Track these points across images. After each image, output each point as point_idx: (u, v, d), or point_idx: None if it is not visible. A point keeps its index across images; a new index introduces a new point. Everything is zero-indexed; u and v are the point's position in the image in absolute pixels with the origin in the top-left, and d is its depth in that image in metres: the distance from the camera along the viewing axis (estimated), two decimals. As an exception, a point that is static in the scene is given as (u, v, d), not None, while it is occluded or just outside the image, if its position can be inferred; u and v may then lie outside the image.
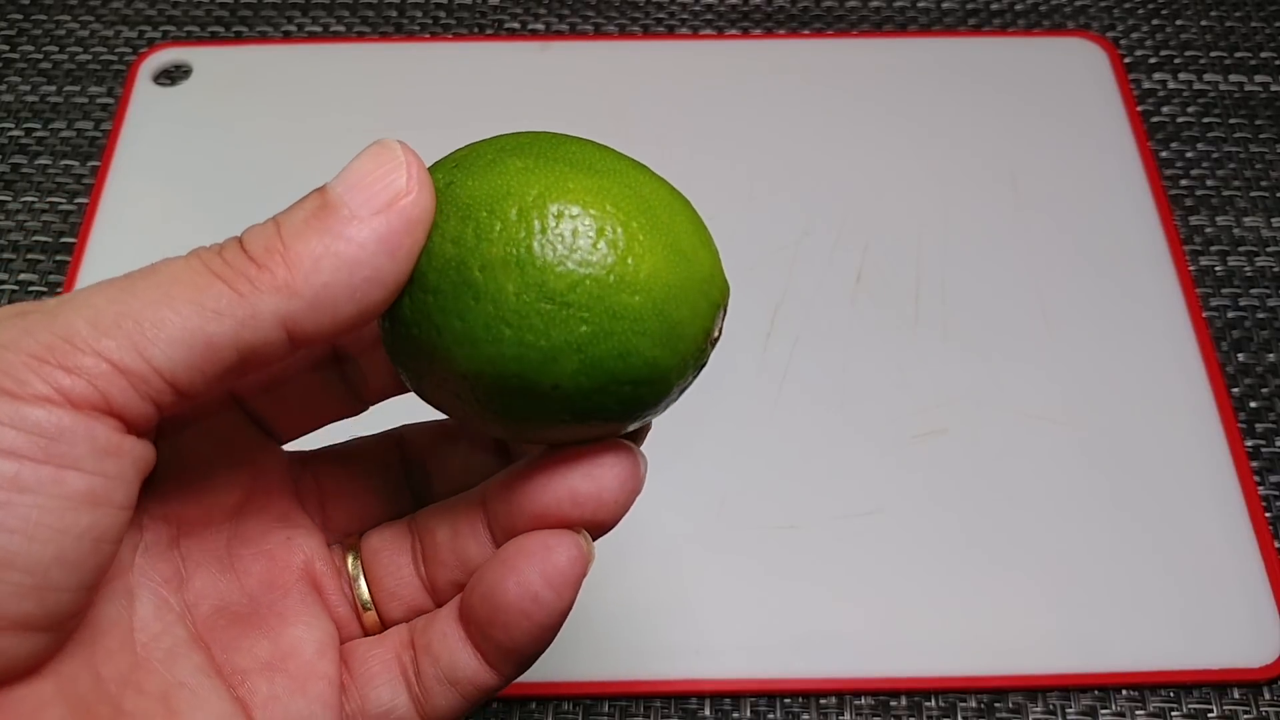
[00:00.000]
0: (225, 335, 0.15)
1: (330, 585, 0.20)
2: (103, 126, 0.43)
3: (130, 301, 0.15)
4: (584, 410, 0.17)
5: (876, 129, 0.42)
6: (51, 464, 0.14)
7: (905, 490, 0.34)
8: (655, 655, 0.32)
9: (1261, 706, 0.32)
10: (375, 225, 0.16)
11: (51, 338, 0.14)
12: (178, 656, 0.17)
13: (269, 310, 0.15)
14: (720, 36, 0.46)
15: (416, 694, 0.19)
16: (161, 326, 0.15)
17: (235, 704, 0.17)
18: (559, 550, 0.17)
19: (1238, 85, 0.45)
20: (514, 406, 0.17)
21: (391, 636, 0.19)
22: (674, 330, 0.17)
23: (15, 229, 0.41)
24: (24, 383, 0.14)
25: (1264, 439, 0.36)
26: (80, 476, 0.14)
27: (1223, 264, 0.40)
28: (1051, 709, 0.32)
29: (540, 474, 0.18)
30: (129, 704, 0.16)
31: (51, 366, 0.14)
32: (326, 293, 0.16)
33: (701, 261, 0.18)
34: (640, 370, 0.17)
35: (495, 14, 0.46)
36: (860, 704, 0.32)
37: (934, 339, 0.37)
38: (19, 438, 0.14)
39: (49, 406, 0.14)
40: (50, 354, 0.14)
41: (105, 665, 0.16)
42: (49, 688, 0.15)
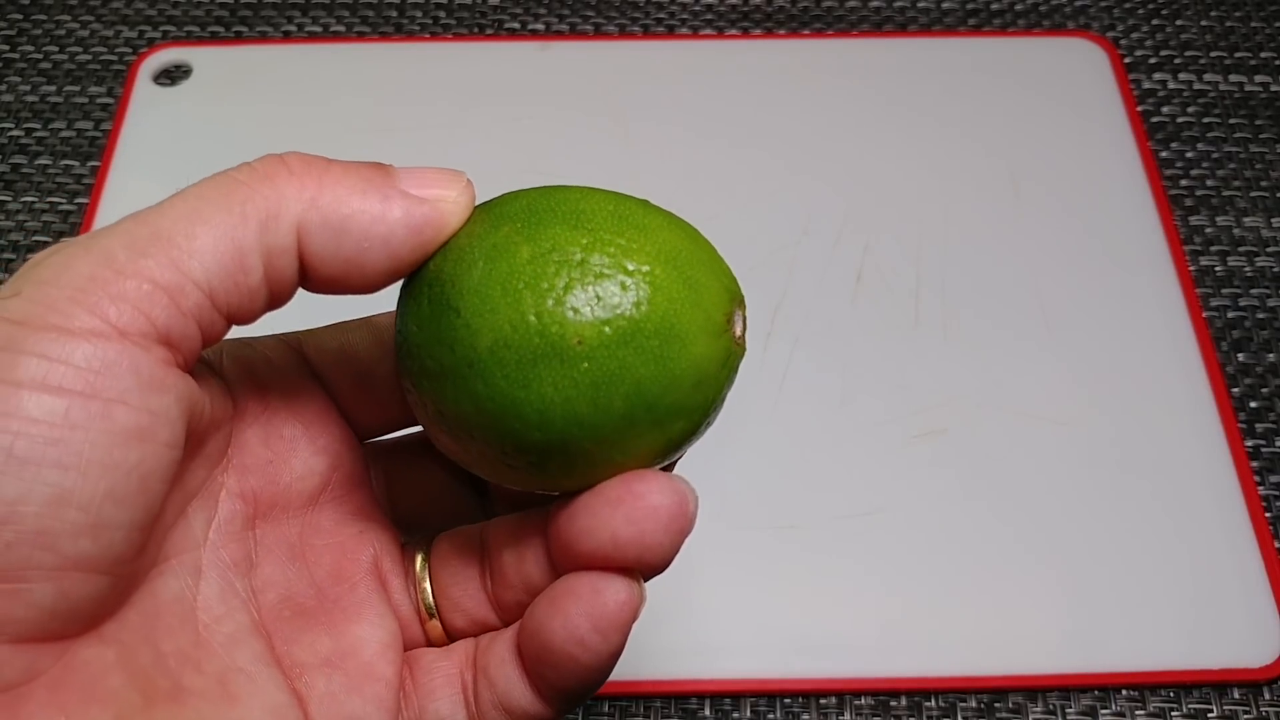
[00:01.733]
0: (251, 238, 0.16)
1: (396, 585, 0.19)
2: (103, 126, 0.43)
3: (161, 221, 0.16)
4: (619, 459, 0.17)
5: (877, 129, 0.42)
6: (99, 398, 0.14)
7: (906, 490, 0.34)
8: (655, 655, 0.32)
9: (1262, 706, 0.32)
10: (412, 203, 0.17)
11: (92, 267, 0.15)
12: (239, 642, 0.17)
13: (290, 213, 0.16)
14: (720, 37, 0.46)
15: (473, 714, 0.18)
16: (193, 238, 0.15)
17: (292, 696, 0.17)
18: (607, 593, 0.17)
19: (1238, 85, 0.45)
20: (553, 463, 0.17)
21: (458, 650, 0.19)
22: (700, 376, 0.17)
23: (15, 229, 0.41)
24: (70, 316, 0.14)
25: (1264, 439, 0.36)
26: (127, 411, 0.14)
27: (1223, 264, 0.40)
28: (1051, 709, 0.32)
29: (584, 512, 0.17)
30: (188, 681, 0.16)
31: (96, 296, 0.15)
32: (343, 223, 0.16)
33: (710, 294, 0.17)
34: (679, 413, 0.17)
35: (495, 14, 0.46)
36: (860, 704, 0.32)
37: (934, 339, 0.37)
38: (68, 373, 0.14)
39: (96, 340, 0.14)
40: (92, 284, 0.15)
41: (166, 640, 0.16)
42: (111, 654, 0.15)
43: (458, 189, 0.17)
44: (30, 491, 0.14)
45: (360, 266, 0.17)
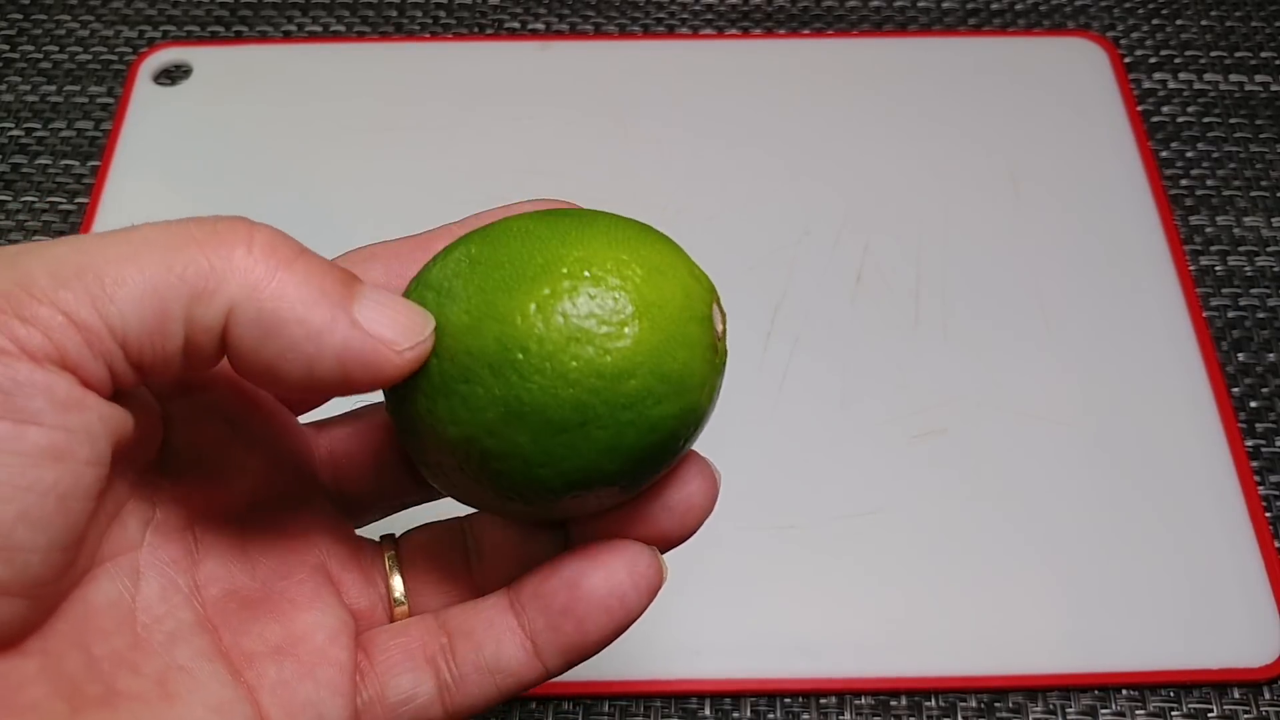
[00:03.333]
0: (178, 305, 0.15)
1: (351, 575, 0.19)
2: (103, 126, 0.43)
3: (95, 254, 0.14)
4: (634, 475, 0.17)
5: (877, 129, 0.42)
6: (9, 419, 0.14)
7: (906, 490, 0.34)
8: (655, 655, 0.32)
9: (1262, 706, 0.32)
10: (357, 336, 0.16)
11: (10, 285, 0.14)
12: (179, 639, 0.17)
13: (226, 293, 0.15)
14: (720, 36, 0.46)
15: (446, 681, 0.18)
16: (121, 284, 0.14)
17: (239, 689, 0.17)
18: (645, 556, 0.18)
19: (1238, 85, 0.45)
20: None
21: (415, 625, 0.19)
22: (681, 381, 0.17)
23: (15, 229, 0.41)
24: None
25: (1264, 439, 0.36)
26: (41, 431, 0.14)
27: (1223, 264, 0.40)
28: (1052, 709, 0.32)
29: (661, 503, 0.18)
30: (122, 684, 0.16)
31: (7, 316, 0.14)
32: (276, 326, 0.15)
33: (676, 295, 0.18)
34: (665, 429, 0.17)
35: (495, 14, 0.46)
36: (860, 704, 0.32)
37: (934, 339, 0.37)
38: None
39: (5, 359, 0.14)
40: (6, 302, 0.14)
41: (98, 645, 0.16)
42: (32, 665, 0.15)
43: (412, 340, 0.16)
44: None
45: (276, 375, 0.15)
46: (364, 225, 0.40)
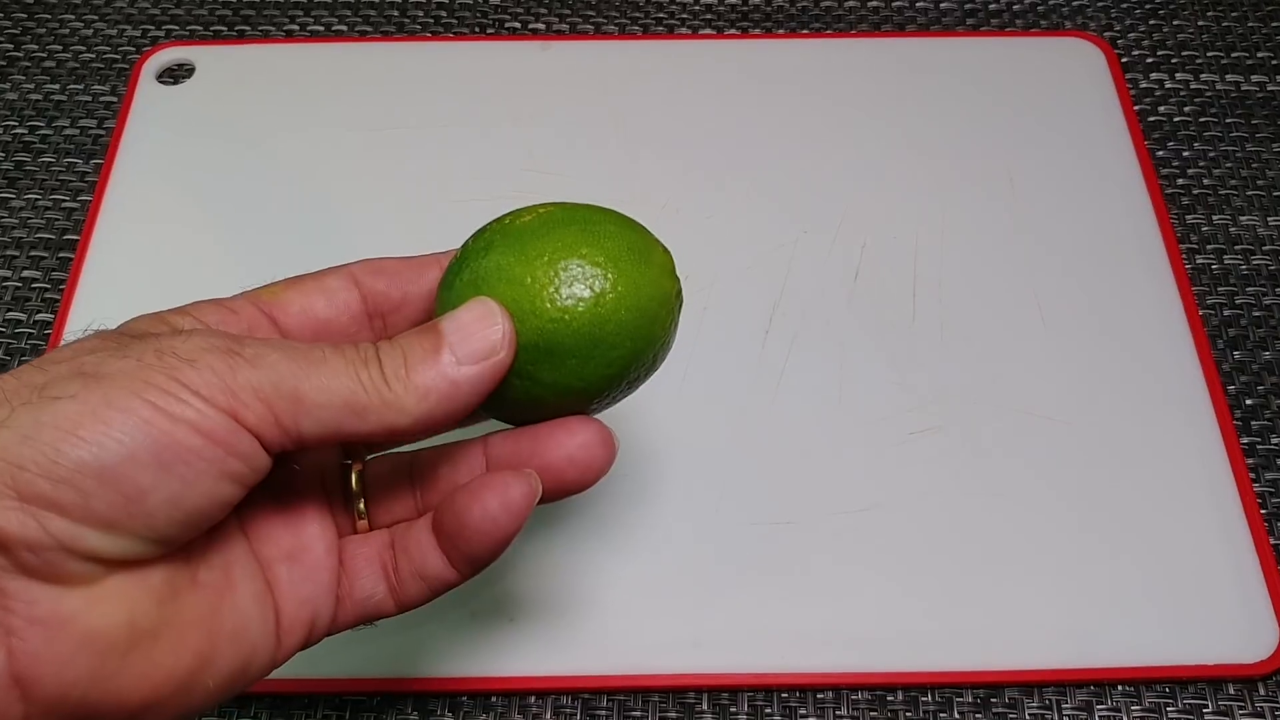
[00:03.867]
0: (349, 426, 0.21)
1: (336, 494, 0.25)
2: (106, 125, 0.44)
3: (304, 383, 0.21)
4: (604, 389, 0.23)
5: (874, 128, 0.43)
6: (223, 448, 0.20)
7: (902, 487, 0.35)
8: (653, 650, 0.32)
9: (1256, 702, 0.32)
10: (474, 373, 0.22)
11: (246, 381, 0.20)
12: (232, 543, 0.23)
13: (388, 420, 0.21)
14: (720, 36, 0.46)
15: (393, 584, 0.24)
16: (316, 411, 0.21)
17: (265, 583, 0.23)
18: (514, 487, 0.22)
19: (1234, 85, 0.45)
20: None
21: (374, 539, 0.24)
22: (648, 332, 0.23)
23: (19, 226, 0.41)
24: (214, 396, 0.20)
25: (1259, 436, 0.36)
26: (237, 461, 0.20)
27: (1218, 262, 0.40)
28: (1047, 704, 0.32)
29: (541, 437, 0.23)
30: (202, 575, 0.22)
31: (235, 399, 0.20)
32: (427, 416, 0.21)
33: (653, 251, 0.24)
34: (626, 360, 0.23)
35: (496, 14, 0.47)
36: (857, 699, 0.32)
37: (931, 337, 0.38)
38: (205, 423, 0.20)
39: (225, 415, 0.20)
40: (241, 390, 0.20)
41: (193, 550, 0.22)
42: (161, 567, 0.21)
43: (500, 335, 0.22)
44: (158, 487, 0.19)
45: (450, 423, 0.23)
46: (365, 223, 0.40)
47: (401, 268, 0.25)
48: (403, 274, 0.25)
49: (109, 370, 0.20)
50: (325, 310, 0.25)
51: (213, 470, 0.20)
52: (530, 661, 0.32)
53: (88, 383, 0.19)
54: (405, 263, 0.25)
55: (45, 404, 0.19)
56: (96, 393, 0.19)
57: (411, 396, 0.21)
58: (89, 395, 0.19)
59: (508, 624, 0.32)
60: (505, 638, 0.32)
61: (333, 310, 0.25)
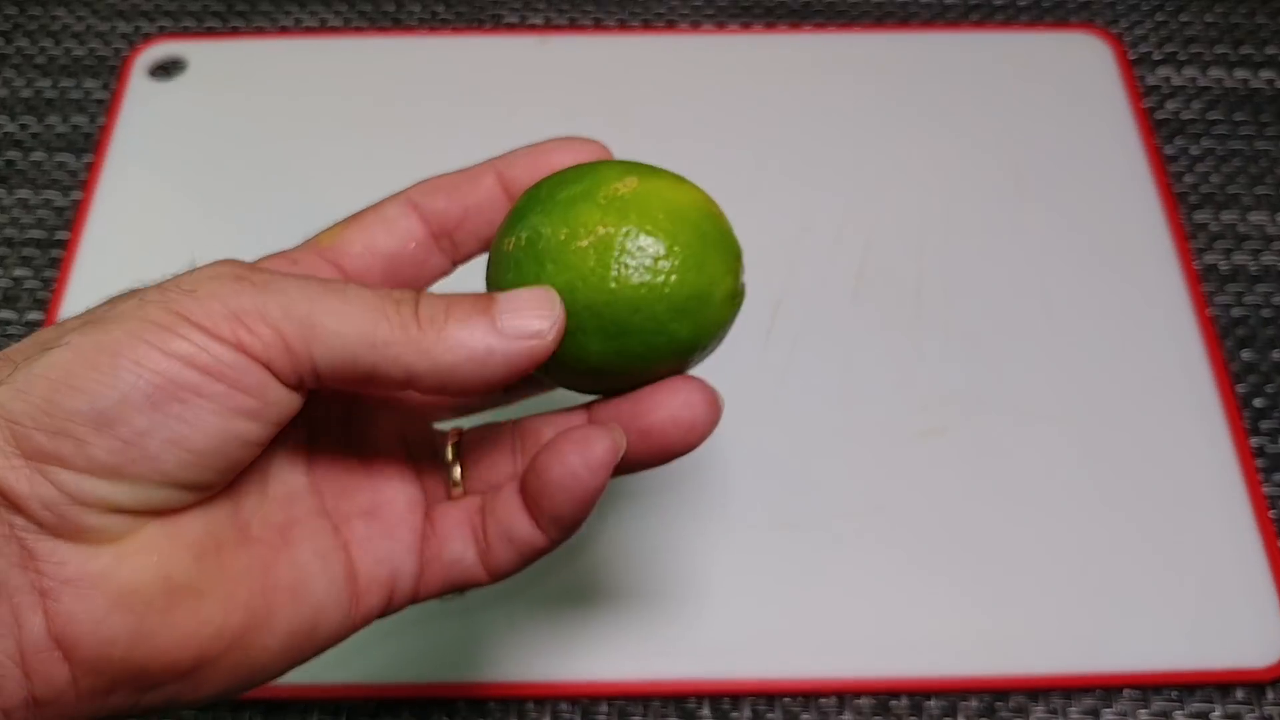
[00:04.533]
0: (367, 359, 0.20)
1: (424, 460, 0.24)
2: (97, 121, 0.43)
3: (318, 306, 0.20)
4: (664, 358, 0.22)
5: (878, 124, 0.42)
6: (226, 382, 0.19)
7: (907, 489, 0.34)
8: (654, 655, 0.32)
9: (1265, 707, 0.31)
10: (511, 348, 0.21)
11: (252, 305, 0.19)
12: (296, 498, 0.22)
13: (406, 360, 0.20)
14: (720, 30, 0.45)
15: (483, 548, 0.23)
16: (331, 337, 0.20)
17: (337, 539, 0.22)
18: (596, 442, 0.22)
19: (1242, 81, 0.44)
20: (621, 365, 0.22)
21: (466, 503, 0.24)
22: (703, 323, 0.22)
23: (9, 224, 0.41)
24: (217, 326, 0.19)
25: (1269, 436, 0.36)
26: (244, 397, 0.19)
27: (1227, 260, 0.40)
28: (1054, 709, 0.31)
29: (643, 398, 0.23)
30: (255, 530, 0.21)
31: (240, 325, 0.19)
32: (448, 370, 0.20)
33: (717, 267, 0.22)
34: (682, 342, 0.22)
35: (494, 8, 0.46)
36: (860, 704, 0.31)
37: (936, 336, 0.37)
38: (202, 357, 0.19)
39: (228, 347, 0.19)
40: (246, 315, 0.19)
41: (243, 503, 0.21)
42: (194, 516, 0.20)
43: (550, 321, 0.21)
44: (156, 429, 0.19)
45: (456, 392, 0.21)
46: (361, 221, 0.40)
47: (459, 180, 0.25)
48: (460, 187, 0.25)
49: (112, 314, 0.19)
50: (388, 241, 0.24)
51: (217, 407, 0.19)
52: (528, 667, 0.31)
53: (85, 329, 0.19)
54: (460, 175, 0.25)
55: (41, 355, 0.19)
56: (89, 338, 0.19)
57: (442, 344, 0.20)
58: (82, 341, 0.19)
59: (506, 630, 0.32)
60: (503, 643, 0.32)
61: (395, 239, 0.24)
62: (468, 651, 0.32)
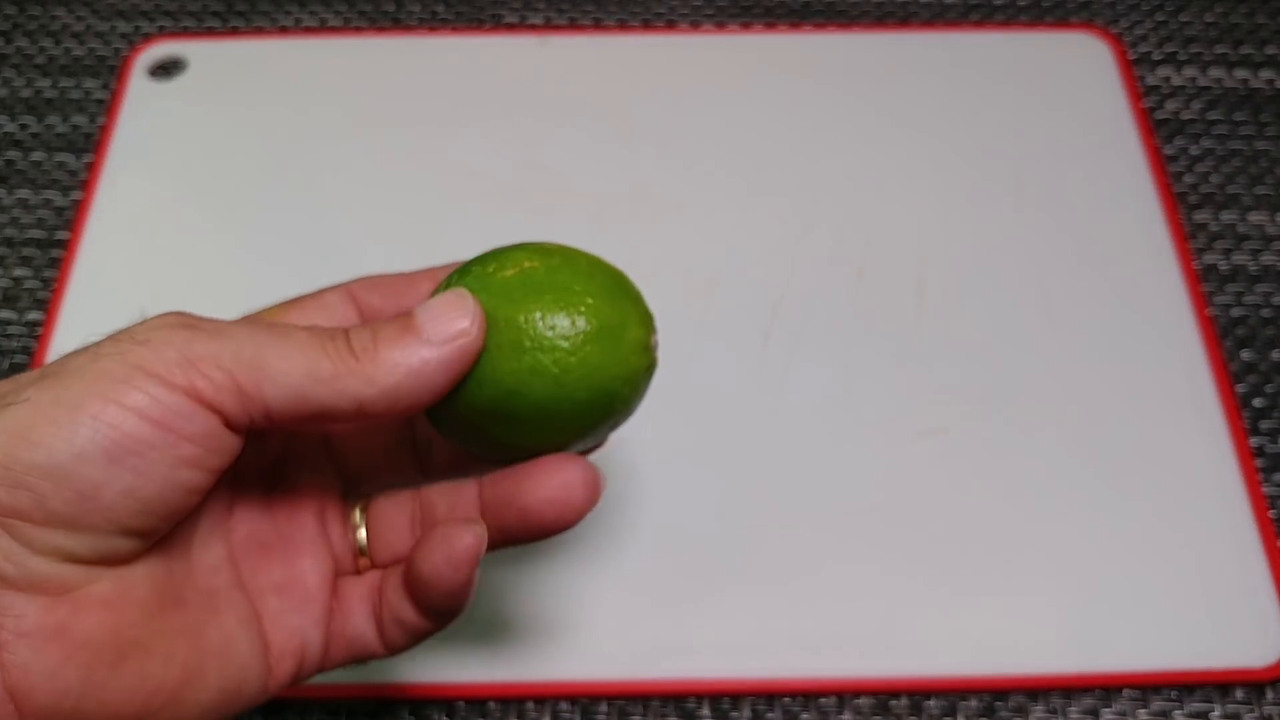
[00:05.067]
0: (316, 395, 0.21)
1: (336, 529, 0.25)
2: (97, 121, 0.43)
3: (266, 349, 0.21)
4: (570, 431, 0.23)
5: (878, 124, 0.42)
6: (174, 433, 0.20)
7: (907, 489, 0.34)
8: (654, 655, 0.32)
9: (1264, 707, 0.31)
10: (444, 352, 0.22)
11: (205, 350, 0.20)
12: (218, 569, 0.23)
13: (351, 390, 0.21)
14: (720, 30, 0.45)
15: (380, 627, 0.24)
16: (279, 377, 0.21)
17: (253, 611, 0.23)
18: (459, 540, 0.23)
19: (1242, 81, 0.44)
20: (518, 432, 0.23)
21: (368, 579, 0.25)
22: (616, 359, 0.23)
23: (9, 224, 0.41)
24: (171, 374, 0.20)
25: (1268, 436, 0.36)
26: (190, 446, 0.20)
27: (1227, 260, 0.40)
28: (1053, 709, 0.32)
29: (521, 477, 0.23)
30: (187, 595, 0.22)
31: (194, 371, 0.20)
32: (394, 390, 0.21)
33: (627, 328, 0.23)
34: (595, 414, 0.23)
35: (493, 7, 0.46)
36: (860, 704, 0.31)
37: (935, 337, 0.37)
38: (156, 409, 0.20)
39: (181, 395, 0.20)
40: (200, 361, 0.20)
41: (175, 568, 0.22)
42: (141, 573, 0.21)
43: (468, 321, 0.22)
44: (111, 481, 0.19)
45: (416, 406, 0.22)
46: (360, 220, 0.40)
47: (396, 282, 0.26)
48: (396, 287, 0.26)
49: (67, 367, 0.20)
50: (326, 325, 0.25)
51: (166, 458, 0.20)
52: (529, 667, 0.31)
53: (42, 384, 0.20)
54: (400, 277, 0.26)
55: (1, 411, 0.19)
56: (48, 393, 0.19)
57: (379, 368, 0.21)
58: (41, 396, 0.19)
59: (506, 629, 0.32)
60: (504, 643, 0.32)
61: (333, 324, 0.25)
62: (467, 651, 0.32)
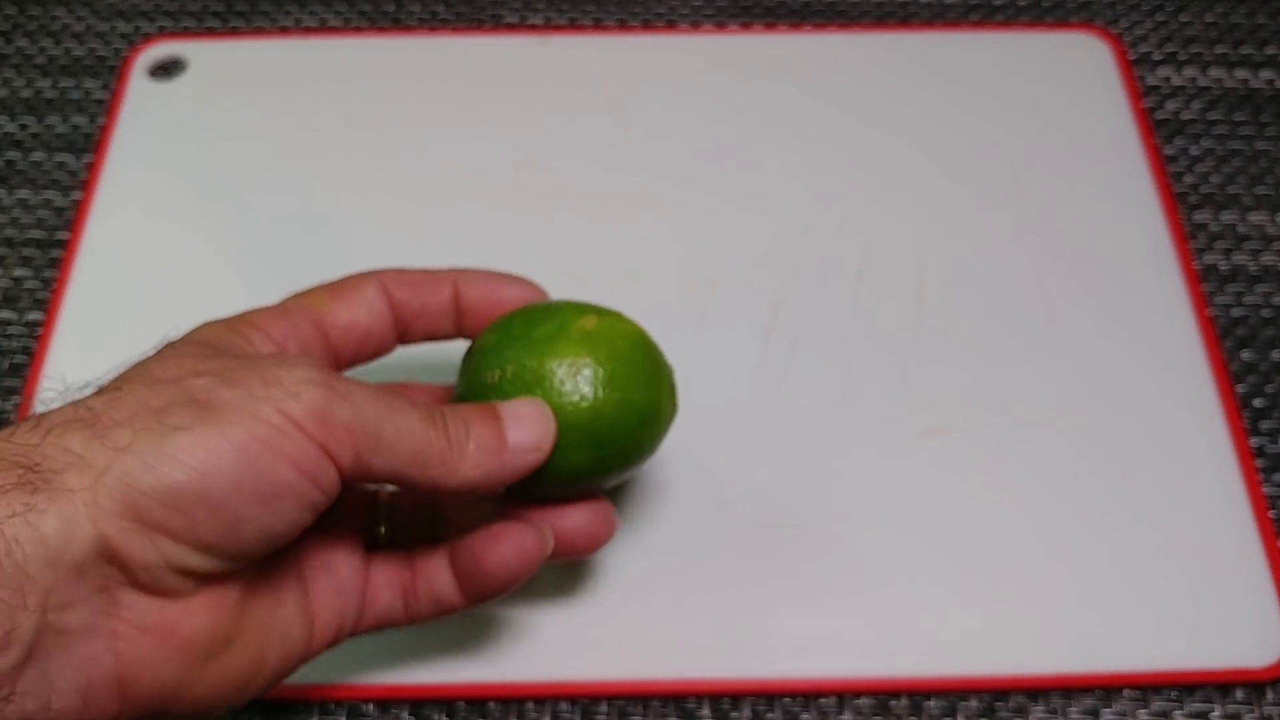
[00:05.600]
0: (408, 473, 0.24)
1: (361, 508, 0.28)
2: (97, 121, 0.43)
3: (384, 424, 0.24)
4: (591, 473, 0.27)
5: (878, 123, 0.42)
6: (312, 483, 0.23)
7: (907, 489, 0.34)
8: (654, 655, 0.32)
9: (1265, 707, 0.31)
10: (518, 461, 0.25)
11: (339, 415, 0.23)
12: (283, 560, 0.25)
13: (438, 477, 0.24)
14: (721, 31, 0.45)
15: (409, 600, 0.27)
16: (387, 452, 0.24)
17: (305, 592, 0.26)
18: (529, 538, 0.26)
19: (1243, 81, 0.44)
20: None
21: (395, 558, 0.27)
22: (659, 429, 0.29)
23: (9, 224, 0.41)
24: (315, 430, 0.22)
25: (1268, 436, 0.36)
26: (318, 494, 0.23)
27: (1227, 260, 0.40)
28: (1053, 709, 0.32)
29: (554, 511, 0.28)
30: (259, 588, 0.24)
31: (329, 430, 0.23)
32: (471, 484, 0.25)
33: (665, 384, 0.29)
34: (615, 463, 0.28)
35: (493, 8, 0.46)
36: (860, 704, 0.31)
37: (936, 337, 0.37)
38: (304, 460, 0.22)
39: (320, 449, 0.22)
40: (335, 424, 0.23)
41: (258, 568, 0.24)
42: (235, 580, 0.24)
43: (545, 442, 0.26)
44: (255, 518, 0.22)
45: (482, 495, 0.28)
46: (360, 220, 0.40)
47: (423, 280, 0.28)
48: (424, 286, 0.28)
49: (220, 400, 0.22)
50: (366, 320, 0.28)
51: (301, 501, 0.22)
52: (529, 667, 0.31)
53: (201, 413, 0.22)
54: (426, 275, 0.29)
55: (166, 434, 0.21)
56: (213, 427, 0.21)
57: (466, 464, 0.24)
58: (205, 430, 0.21)
59: (506, 628, 0.32)
60: (504, 642, 0.32)
61: (372, 319, 0.28)
62: (468, 651, 0.32)
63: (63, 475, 0.20)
